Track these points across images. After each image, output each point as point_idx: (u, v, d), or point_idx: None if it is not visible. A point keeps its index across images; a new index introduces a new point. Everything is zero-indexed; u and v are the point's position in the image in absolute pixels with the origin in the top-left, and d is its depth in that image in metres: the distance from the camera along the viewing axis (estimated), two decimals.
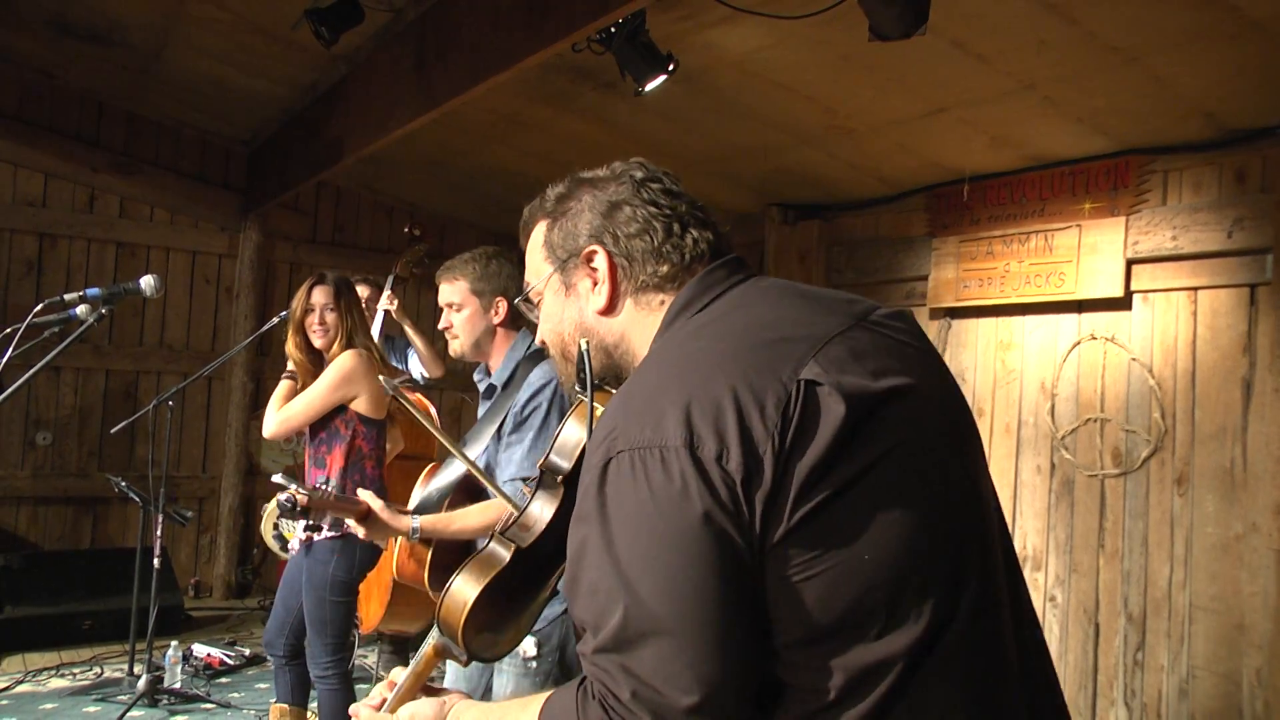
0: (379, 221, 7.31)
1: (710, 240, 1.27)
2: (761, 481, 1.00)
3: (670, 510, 1.00)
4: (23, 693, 4.59)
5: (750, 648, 1.02)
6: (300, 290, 3.44)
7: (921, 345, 1.23)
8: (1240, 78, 3.36)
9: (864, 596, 1.02)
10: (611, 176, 1.30)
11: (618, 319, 1.28)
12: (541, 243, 1.35)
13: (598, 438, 1.09)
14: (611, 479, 1.05)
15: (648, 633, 1.00)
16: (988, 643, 1.09)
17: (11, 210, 6.09)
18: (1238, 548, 3.69)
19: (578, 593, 1.07)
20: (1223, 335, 3.80)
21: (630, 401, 1.09)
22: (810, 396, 1.03)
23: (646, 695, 1.00)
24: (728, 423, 1.01)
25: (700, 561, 0.99)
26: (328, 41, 3.98)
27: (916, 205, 4.99)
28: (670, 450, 1.01)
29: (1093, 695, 4.12)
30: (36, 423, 6.19)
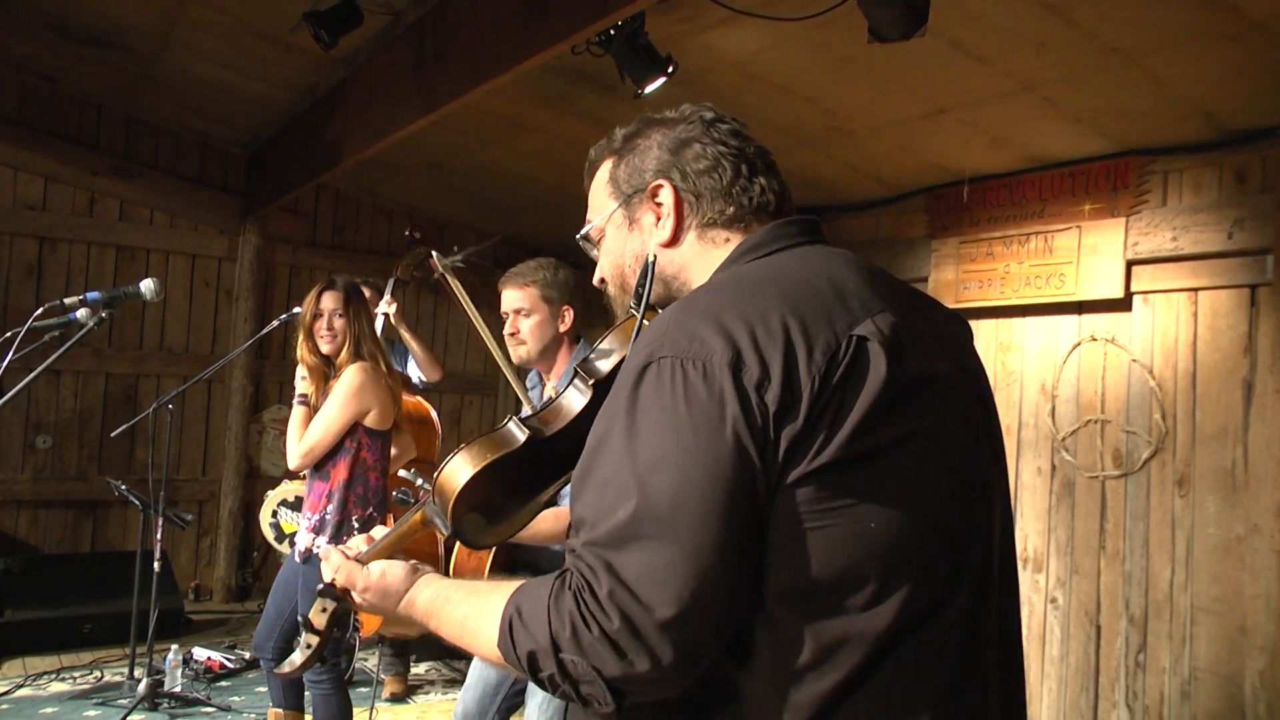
0: (378, 224, 7.31)
1: (777, 190, 1.27)
2: (794, 419, 1.00)
3: (702, 422, 1.00)
4: (23, 696, 4.59)
5: (741, 583, 1.01)
6: (310, 295, 3.44)
7: (967, 347, 1.26)
8: (1240, 78, 3.36)
9: (860, 564, 1.01)
10: (681, 117, 1.31)
11: (679, 250, 1.28)
12: (607, 179, 1.34)
13: (643, 340, 1.09)
14: (649, 380, 1.04)
15: (645, 535, 0.99)
16: (971, 648, 1.08)
17: (11, 214, 6.09)
18: (1239, 549, 3.68)
19: (586, 486, 1.06)
20: (1223, 336, 3.80)
21: (684, 313, 1.09)
22: (860, 352, 1.03)
23: (623, 597, 0.98)
24: (775, 355, 1.01)
25: (719, 480, 0.99)
26: (327, 44, 3.98)
27: (916, 206, 4.99)
28: (715, 365, 1.01)
29: (1094, 697, 4.12)
30: (37, 426, 6.19)
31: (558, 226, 6.91)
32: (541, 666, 1.04)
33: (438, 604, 1.24)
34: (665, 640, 0.97)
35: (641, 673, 0.98)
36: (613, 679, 1.00)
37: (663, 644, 0.97)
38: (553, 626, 1.02)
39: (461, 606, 1.20)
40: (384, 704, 4.73)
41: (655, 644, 0.97)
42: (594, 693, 1.02)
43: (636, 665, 0.98)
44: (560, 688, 1.04)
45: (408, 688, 4.93)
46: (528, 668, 1.05)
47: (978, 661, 1.09)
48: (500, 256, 7.67)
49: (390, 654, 4.90)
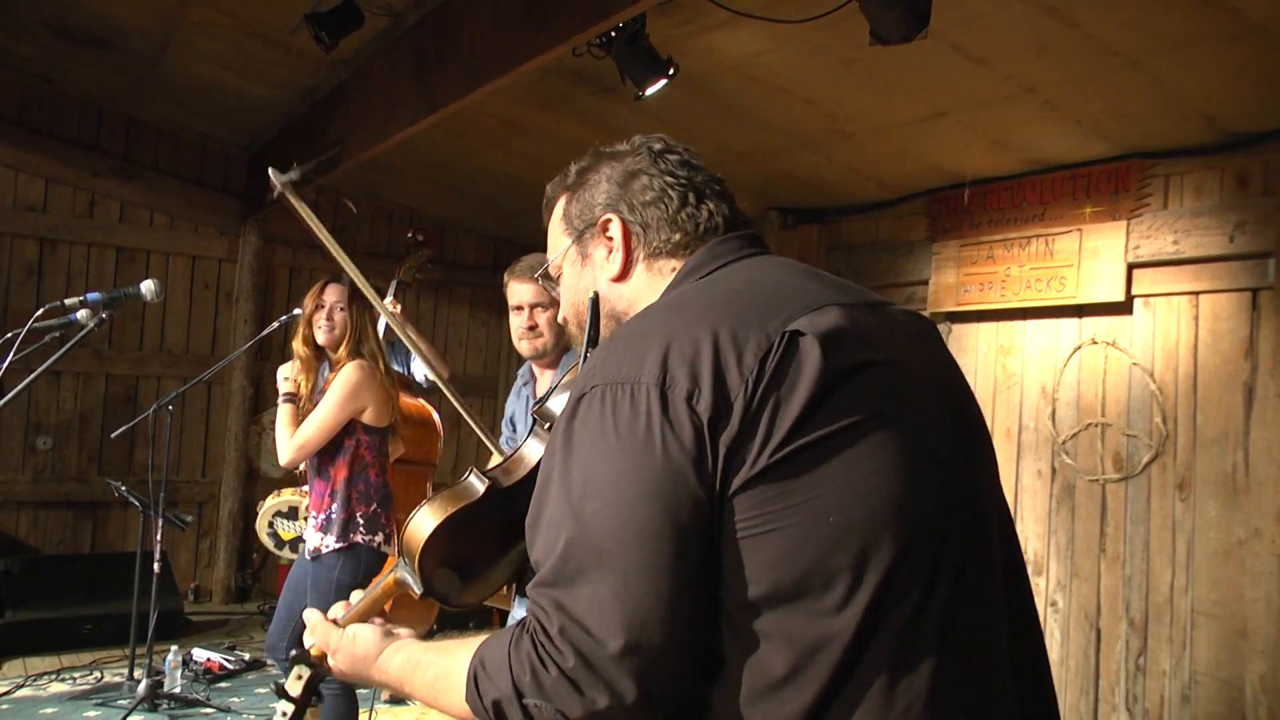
0: (379, 225, 7.30)
1: (726, 214, 1.27)
2: (729, 425, 0.98)
3: (631, 445, 0.99)
4: (23, 697, 4.59)
5: (695, 603, 0.98)
6: (314, 287, 3.47)
7: (928, 340, 1.23)
8: (1241, 81, 3.36)
9: (825, 559, 0.98)
10: (630, 149, 1.31)
11: (629, 285, 1.27)
12: (561, 216, 1.35)
13: (581, 374, 1.09)
14: (581, 413, 1.04)
15: (587, 567, 0.97)
16: (968, 639, 1.04)
17: (12, 215, 6.09)
18: (1240, 553, 3.68)
19: (538, 528, 1.05)
20: (1224, 340, 3.79)
21: (614, 343, 1.09)
22: (792, 346, 1.02)
23: (574, 633, 0.96)
24: (703, 365, 1.00)
25: (654, 498, 0.97)
26: (327, 46, 3.98)
27: (917, 209, 4.99)
28: (641, 387, 1.00)
29: (1094, 701, 4.11)
30: (37, 427, 6.19)
31: None
32: (507, 714, 1.02)
33: (408, 670, 1.22)
34: (622, 672, 0.95)
35: (604, 709, 0.96)
36: (577, 718, 0.97)
37: (620, 676, 0.95)
38: (514, 672, 1.00)
39: (431, 669, 1.18)
40: (383, 705, 4.72)
41: (613, 677, 0.95)
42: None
43: (598, 701, 0.95)
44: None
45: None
46: (494, 717, 1.03)
47: (975, 651, 1.05)
48: (501, 257, 7.67)
49: None
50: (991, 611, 1.10)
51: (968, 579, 1.06)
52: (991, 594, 1.11)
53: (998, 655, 1.09)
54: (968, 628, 1.05)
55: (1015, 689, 1.11)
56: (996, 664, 1.09)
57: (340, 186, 6.97)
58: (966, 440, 1.16)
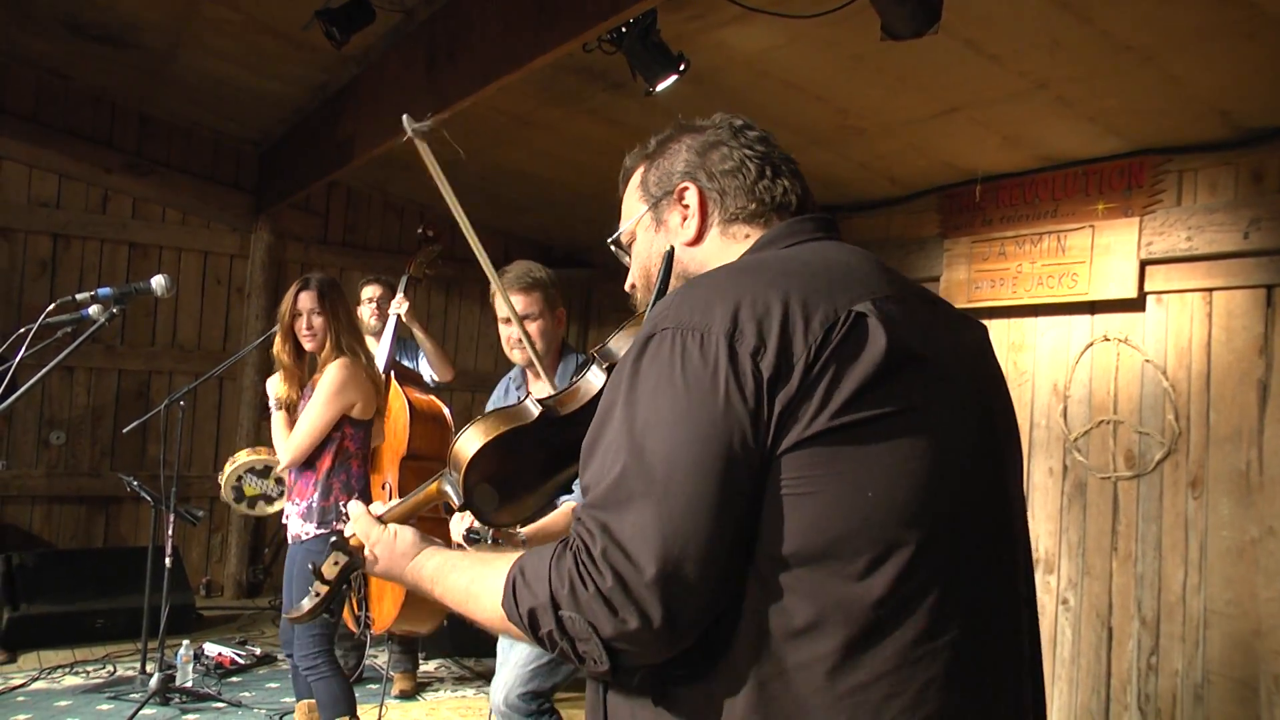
0: (390, 222, 7.32)
1: (799, 193, 1.31)
2: (788, 386, 1.02)
3: (696, 388, 1.03)
4: (38, 690, 4.62)
5: (731, 546, 1.03)
6: (286, 296, 3.54)
7: (982, 349, 1.28)
8: (1257, 76, 3.33)
9: (858, 531, 1.03)
10: (710, 124, 1.35)
11: (702, 249, 1.31)
12: (638, 184, 1.39)
13: (651, 315, 1.13)
14: (650, 351, 1.08)
15: (637, 495, 1.02)
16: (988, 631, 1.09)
17: (26, 211, 6.12)
18: (1254, 552, 3.66)
19: (594, 453, 1.10)
20: (1238, 337, 3.77)
21: (688, 291, 1.13)
22: (858, 325, 1.06)
23: (615, 556, 1.01)
24: (772, 324, 1.04)
25: (710, 442, 1.02)
26: (338, 42, 3.98)
27: (928, 206, 4.97)
28: (711, 335, 1.05)
29: (1105, 700, 4.09)
30: (50, 422, 6.22)
31: (568, 224, 6.92)
32: (541, 623, 1.06)
33: (444, 570, 1.27)
34: (655, 597, 0.99)
35: (633, 630, 1.01)
36: (607, 637, 1.02)
37: (652, 601, 0.99)
38: (552, 584, 1.05)
39: (467, 573, 1.23)
40: (393, 701, 4.73)
41: (645, 601, 1.00)
42: (590, 651, 1.04)
43: (629, 623, 1.00)
44: (559, 645, 1.06)
45: (417, 685, 4.94)
46: (528, 624, 1.08)
47: (987, 646, 1.10)
48: (511, 253, 7.67)
49: (399, 651, 4.91)
50: (1012, 606, 1.16)
51: (990, 575, 1.12)
52: (1011, 590, 1.17)
53: (1016, 647, 1.15)
54: (988, 620, 1.10)
55: (1026, 680, 1.16)
56: (1013, 655, 1.15)
57: (351, 181, 6.99)
58: (997, 442, 1.21)
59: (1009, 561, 1.17)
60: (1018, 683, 1.16)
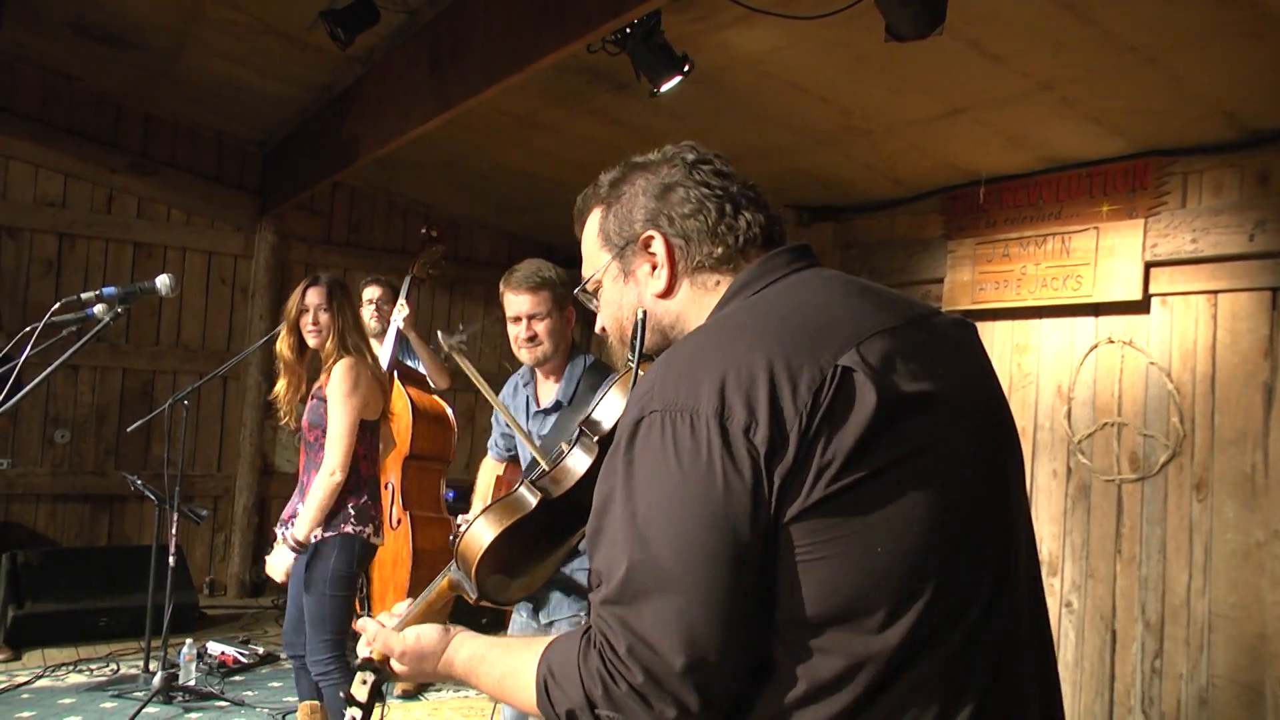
0: (394, 222, 7.33)
1: (762, 223, 1.28)
2: (784, 458, 1.02)
3: (693, 474, 1.03)
4: (42, 687, 4.63)
5: (750, 621, 1.04)
6: (294, 292, 3.54)
7: (974, 355, 1.26)
8: (1261, 77, 3.32)
9: (873, 588, 1.03)
10: (663, 159, 1.32)
11: (674, 301, 1.29)
12: (597, 231, 1.36)
13: (635, 395, 1.12)
14: (642, 436, 1.07)
15: (652, 589, 1.02)
16: (995, 654, 1.09)
17: (32, 210, 6.14)
18: (1259, 555, 3.65)
19: (599, 543, 1.10)
20: (1243, 339, 3.76)
21: (671, 365, 1.11)
22: (846, 383, 1.04)
23: (641, 652, 1.02)
24: (759, 397, 1.03)
25: (715, 527, 1.02)
26: (343, 43, 3.99)
27: (932, 207, 4.96)
28: (701, 416, 1.04)
29: (1109, 704, 4.08)
30: (55, 421, 6.24)
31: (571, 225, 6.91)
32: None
33: (474, 664, 1.30)
34: (687, 686, 1.01)
35: (672, 719, 1.03)
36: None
37: (685, 690, 1.01)
38: (585, 686, 1.07)
39: (498, 665, 1.26)
40: (396, 701, 4.74)
41: (679, 691, 1.02)
42: None
43: (666, 713, 1.03)
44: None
45: (419, 684, 4.94)
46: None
47: (1005, 665, 1.10)
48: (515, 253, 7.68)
49: None
50: (1022, 628, 1.15)
51: (1001, 601, 1.12)
52: (1020, 611, 1.16)
53: (1029, 670, 1.15)
54: (1002, 648, 1.10)
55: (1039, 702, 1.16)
56: (1028, 680, 1.14)
57: (355, 182, 7.00)
58: (1001, 460, 1.20)
59: (1021, 571, 1.17)
60: (1041, 692, 1.16)
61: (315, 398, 3.48)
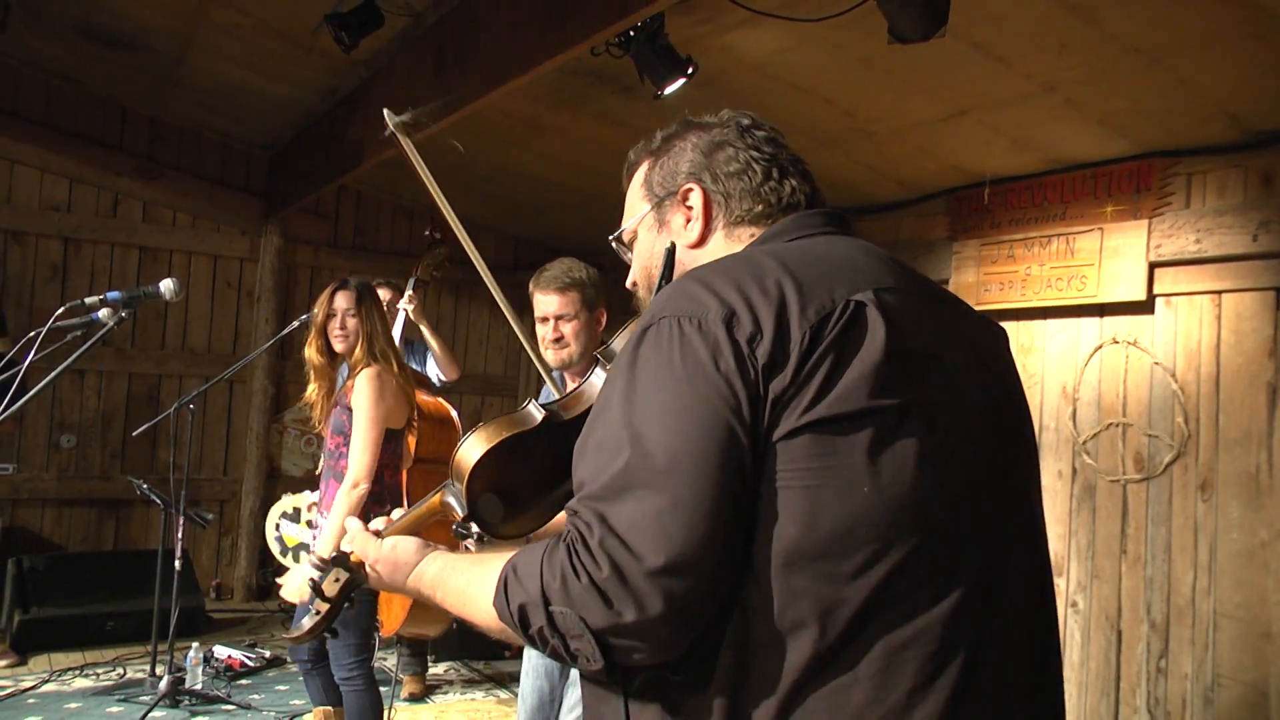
0: (400, 225, 7.34)
1: (807, 192, 1.30)
2: (783, 375, 1.01)
3: (696, 375, 1.02)
4: (48, 692, 4.64)
5: (731, 540, 1.00)
6: (323, 295, 3.47)
7: (995, 350, 1.25)
8: (1266, 78, 3.32)
9: (852, 528, 1.00)
10: (718, 122, 1.33)
11: (705, 251, 1.29)
12: (642, 181, 1.37)
13: (650, 307, 1.12)
14: (649, 340, 1.07)
15: (637, 485, 0.99)
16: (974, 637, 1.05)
17: (37, 215, 6.16)
18: (1264, 555, 3.64)
19: (586, 449, 1.08)
20: (1247, 339, 3.76)
21: (687, 278, 1.11)
22: (857, 316, 1.05)
23: (613, 546, 0.98)
24: (767, 311, 1.03)
25: (712, 431, 1.00)
26: (347, 46, 4.00)
27: (937, 208, 4.97)
28: (710, 320, 1.03)
29: (1115, 703, 4.08)
30: (61, 425, 6.25)
31: (577, 227, 6.92)
32: (531, 620, 1.04)
33: (443, 575, 1.24)
34: (654, 590, 0.97)
35: (628, 623, 0.98)
36: (599, 630, 0.99)
37: (651, 594, 0.97)
38: (544, 578, 1.02)
39: (465, 575, 1.19)
40: (402, 704, 4.74)
41: (644, 593, 0.97)
42: (582, 647, 1.01)
43: (624, 615, 0.97)
44: (550, 643, 1.03)
45: (426, 687, 4.95)
46: (518, 622, 1.05)
47: (984, 652, 1.06)
48: (520, 256, 7.69)
49: (408, 654, 4.92)
50: (1026, 613, 1.13)
51: (991, 584, 1.08)
52: (1026, 596, 1.13)
53: (1029, 655, 1.12)
54: (995, 627, 1.07)
55: (1029, 694, 1.12)
56: (1025, 663, 1.12)
57: (360, 185, 7.02)
58: (1008, 444, 1.18)
59: (1023, 567, 1.14)
60: (1033, 690, 1.12)
61: (339, 405, 3.42)
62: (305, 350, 3.48)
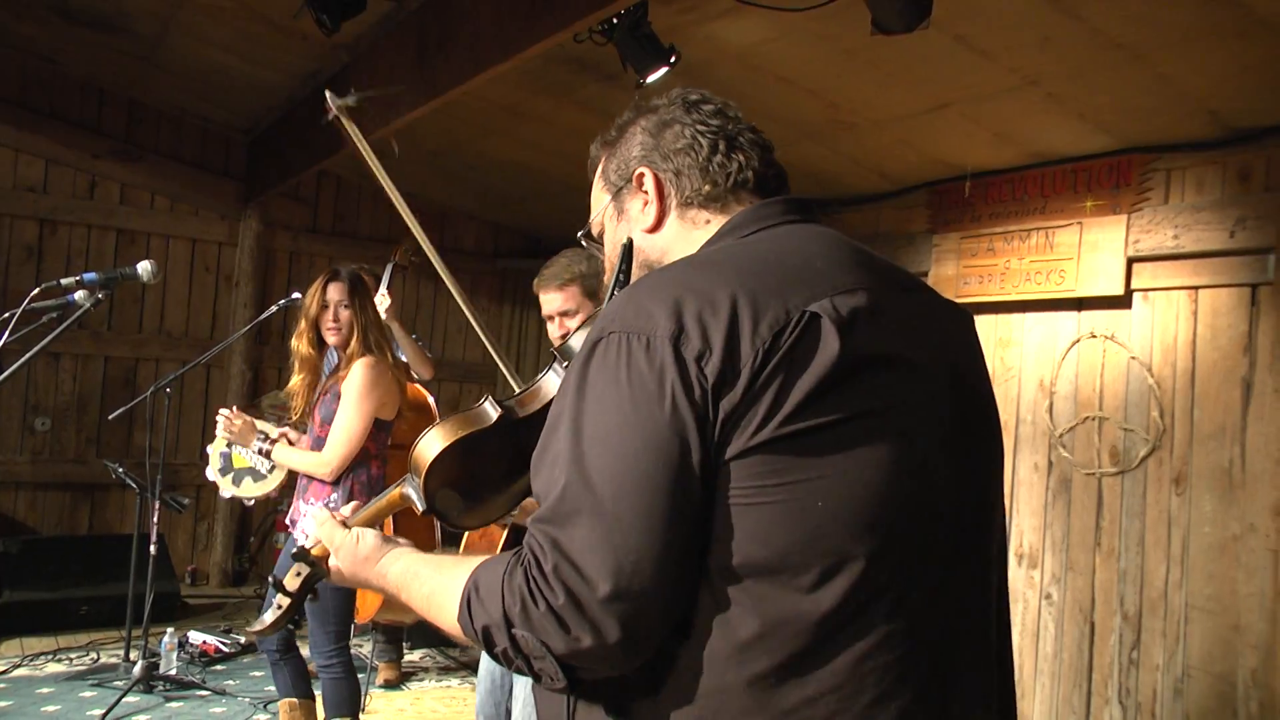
0: (379, 211, 7.29)
1: (756, 167, 1.26)
2: (733, 392, 0.99)
3: (641, 396, 1.00)
4: (20, 676, 4.60)
5: (685, 560, 1.00)
6: (314, 286, 3.43)
7: (960, 336, 1.23)
8: (1246, 76, 3.35)
9: (807, 544, 1.00)
10: (666, 101, 1.31)
11: (662, 235, 1.28)
12: (600, 174, 1.36)
13: (600, 317, 1.10)
14: (597, 357, 1.05)
15: (584, 510, 0.99)
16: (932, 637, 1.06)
17: (12, 196, 6.08)
18: (1235, 548, 3.69)
19: (542, 463, 1.07)
20: (1223, 335, 3.79)
21: (636, 291, 1.09)
22: (811, 328, 1.02)
23: (566, 572, 0.98)
24: (717, 328, 1.00)
25: (657, 453, 0.99)
26: (329, 30, 3.96)
27: (918, 201, 4.98)
28: (656, 339, 1.01)
29: (1087, 694, 4.12)
30: (35, 408, 6.19)
31: (559, 216, 6.90)
32: (495, 640, 1.05)
33: (406, 578, 1.24)
34: (609, 615, 0.97)
35: (587, 648, 0.98)
36: (561, 655, 1.00)
37: (606, 619, 0.97)
38: (505, 602, 1.03)
39: (428, 583, 1.20)
40: (378, 690, 4.74)
41: (599, 619, 0.97)
42: (545, 668, 1.02)
43: (582, 641, 0.98)
44: (514, 662, 1.04)
45: (401, 674, 4.94)
46: (483, 641, 1.06)
47: (943, 651, 1.07)
48: (500, 244, 7.67)
49: (384, 640, 4.91)
50: (979, 607, 1.14)
51: (954, 578, 1.09)
52: (979, 590, 1.14)
53: (983, 651, 1.13)
54: (949, 626, 1.08)
55: (988, 688, 1.14)
56: (980, 659, 1.13)
57: (340, 170, 6.97)
58: (968, 444, 1.16)
59: (977, 561, 1.14)
60: (984, 687, 1.13)
61: (329, 393, 3.40)
62: (293, 341, 3.46)
